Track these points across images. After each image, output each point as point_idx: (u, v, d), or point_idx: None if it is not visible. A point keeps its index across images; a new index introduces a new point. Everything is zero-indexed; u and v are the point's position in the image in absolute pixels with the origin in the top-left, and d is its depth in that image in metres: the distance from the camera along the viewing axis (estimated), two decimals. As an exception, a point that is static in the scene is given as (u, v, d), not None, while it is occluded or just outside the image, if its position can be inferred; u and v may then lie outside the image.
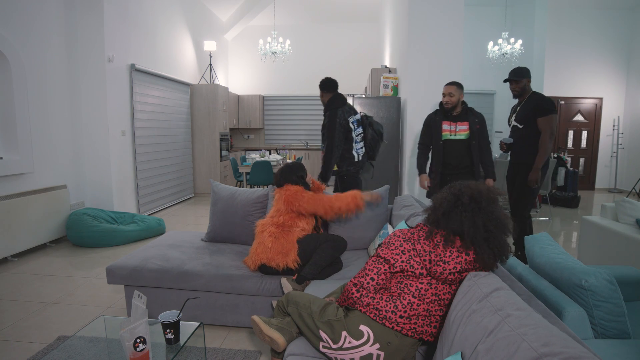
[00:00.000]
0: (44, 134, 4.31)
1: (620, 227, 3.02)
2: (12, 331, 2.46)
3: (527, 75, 3.48)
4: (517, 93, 3.50)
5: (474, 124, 3.26)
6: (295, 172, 2.60)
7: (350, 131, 3.43)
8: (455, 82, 3.30)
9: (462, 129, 3.28)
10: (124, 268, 2.45)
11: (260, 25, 9.20)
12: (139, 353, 1.41)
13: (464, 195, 1.43)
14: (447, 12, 4.37)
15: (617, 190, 8.44)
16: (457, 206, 1.42)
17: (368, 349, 1.42)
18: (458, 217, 1.40)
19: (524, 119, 3.42)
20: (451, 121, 3.32)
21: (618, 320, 1.46)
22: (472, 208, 1.40)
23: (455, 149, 3.32)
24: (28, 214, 3.95)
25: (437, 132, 3.35)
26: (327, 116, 3.44)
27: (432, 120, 3.41)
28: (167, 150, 6.40)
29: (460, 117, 3.30)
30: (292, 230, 2.43)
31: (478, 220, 1.38)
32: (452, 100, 3.25)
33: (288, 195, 2.46)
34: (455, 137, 3.30)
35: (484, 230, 1.37)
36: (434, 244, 1.43)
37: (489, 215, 1.39)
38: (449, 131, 3.32)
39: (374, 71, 5.63)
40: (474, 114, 3.31)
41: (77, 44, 4.66)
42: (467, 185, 1.48)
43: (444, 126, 3.33)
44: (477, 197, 1.42)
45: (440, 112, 3.38)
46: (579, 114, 8.52)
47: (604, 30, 8.21)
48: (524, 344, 0.91)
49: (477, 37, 7.61)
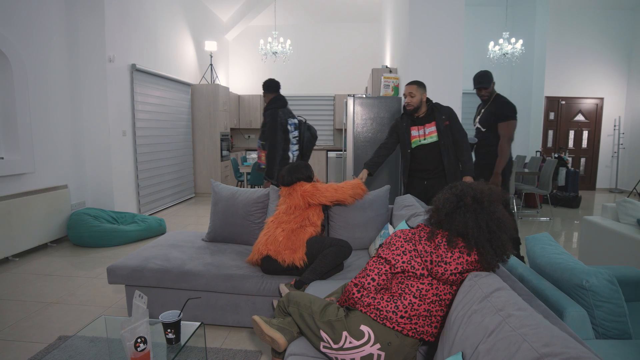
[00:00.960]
0: (45, 134, 4.32)
1: (621, 227, 3.01)
2: (13, 331, 2.46)
3: (493, 78, 3.52)
4: (487, 98, 3.52)
5: (441, 122, 3.05)
6: (304, 171, 2.66)
7: (287, 132, 3.63)
8: (415, 82, 3.10)
9: (432, 131, 3.08)
10: (125, 268, 2.45)
11: (261, 25, 9.20)
12: (140, 353, 1.41)
13: (466, 196, 1.43)
14: (448, 12, 4.37)
15: (618, 191, 8.43)
16: (459, 207, 1.43)
17: (369, 349, 1.42)
18: (462, 218, 1.40)
19: (486, 122, 3.47)
20: (419, 125, 3.11)
21: (619, 321, 1.46)
22: (475, 209, 1.40)
23: (428, 153, 3.11)
24: (29, 214, 3.95)
25: (405, 139, 3.15)
26: (269, 114, 3.62)
27: (399, 127, 3.20)
28: (168, 151, 6.40)
29: (427, 119, 3.10)
30: (305, 230, 2.45)
31: (481, 220, 1.38)
32: (413, 101, 3.05)
33: (304, 191, 2.53)
34: (427, 141, 3.10)
35: (487, 231, 1.37)
36: (435, 244, 1.43)
37: (490, 215, 1.39)
38: (418, 136, 3.12)
39: (375, 71, 5.63)
40: (440, 111, 3.09)
41: (78, 44, 4.66)
42: (469, 186, 1.48)
43: (412, 132, 3.13)
44: (479, 198, 1.42)
45: (406, 116, 3.18)
46: (579, 114, 8.51)
47: (605, 30, 8.20)
48: (525, 344, 0.91)
49: (477, 37, 7.61)
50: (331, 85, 9.22)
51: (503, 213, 1.42)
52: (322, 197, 2.55)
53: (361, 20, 9.06)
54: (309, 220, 2.51)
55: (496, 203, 1.43)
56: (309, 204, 2.54)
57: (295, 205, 2.52)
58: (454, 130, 3.08)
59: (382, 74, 5.21)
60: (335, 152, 8.87)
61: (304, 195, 2.52)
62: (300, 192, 2.53)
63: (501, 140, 3.36)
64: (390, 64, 6.34)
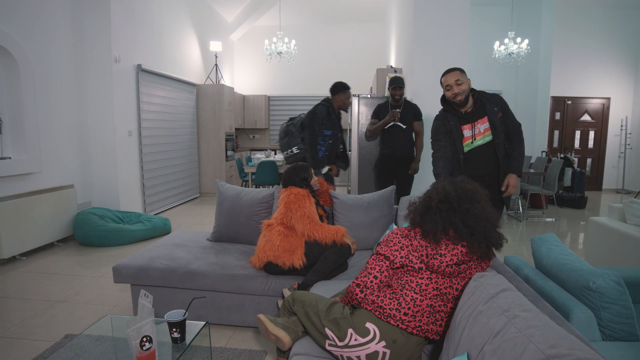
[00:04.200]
0: (52, 134, 4.35)
1: (628, 228, 2.98)
2: (20, 329, 2.48)
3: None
4: (399, 97, 3.94)
5: (493, 114, 2.52)
6: (299, 173, 2.60)
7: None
8: (456, 68, 2.55)
9: (486, 129, 2.53)
10: (131, 267, 2.46)
11: (265, 25, 9.22)
12: (146, 352, 1.41)
13: (432, 200, 1.51)
14: (453, 11, 4.36)
15: (625, 191, 8.36)
16: (429, 209, 1.50)
17: (374, 346, 1.42)
18: (431, 219, 1.47)
19: (406, 121, 3.94)
20: (469, 122, 2.54)
21: (626, 323, 1.44)
22: (446, 208, 1.46)
23: (483, 155, 2.57)
24: (36, 213, 3.98)
25: (457, 143, 2.56)
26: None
27: (448, 128, 2.58)
28: (173, 150, 6.43)
29: (477, 114, 2.54)
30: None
31: (455, 219, 1.44)
32: (463, 89, 2.47)
33: (289, 202, 2.45)
34: (480, 141, 2.55)
35: (464, 226, 1.43)
36: (428, 239, 1.49)
37: (464, 213, 1.44)
38: (470, 137, 2.54)
39: (380, 71, 5.62)
40: (490, 101, 2.55)
41: (85, 44, 4.70)
42: (436, 188, 1.55)
43: (465, 132, 2.56)
44: (445, 199, 1.49)
45: (451, 115, 2.58)
46: (586, 114, 8.45)
47: (612, 29, 8.14)
48: (531, 346, 0.90)
49: (483, 37, 7.57)
50: (336, 85, 9.21)
51: (479, 208, 1.46)
52: (293, 217, 2.40)
53: (366, 20, 9.06)
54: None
55: (471, 201, 1.47)
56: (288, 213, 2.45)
57: (282, 211, 2.49)
58: (508, 122, 2.56)
59: (387, 74, 5.21)
60: (339, 152, 8.85)
61: (288, 204, 2.45)
62: (286, 201, 2.46)
63: (420, 137, 4.02)
64: (395, 64, 6.33)
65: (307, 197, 2.49)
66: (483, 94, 2.58)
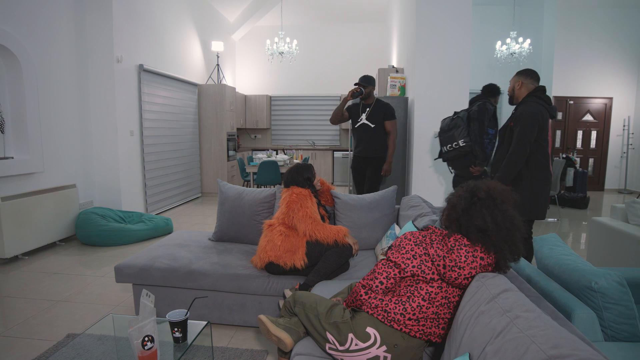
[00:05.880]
0: (54, 134, 4.37)
1: (631, 228, 2.98)
2: (22, 328, 2.49)
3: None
4: (367, 95, 3.91)
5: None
6: (302, 173, 2.60)
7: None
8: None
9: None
10: (132, 267, 2.47)
11: (267, 25, 9.22)
12: (147, 351, 1.42)
13: (479, 191, 1.40)
14: (455, 11, 4.34)
15: (627, 191, 8.33)
16: (474, 202, 1.39)
17: (375, 351, 1.41)
18: (479, 213, 1.36)
19: (374, 120, 3.88)
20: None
21: (628, 323, 1.44)
22: (489, 204, 1.37)
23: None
24: (38, 213, 3.99)
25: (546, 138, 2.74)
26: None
27: (547, 123, 2.76)
28: (175, 150, 6.43)
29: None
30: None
31: (497, 216, 1.34)
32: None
33: (291, 202, 2.46)
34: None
35: (504, 228, 1.34)
36: (448, 248, 1.39)
37: (503, 213, 1.35)
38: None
39: (381, 71, 5.61)
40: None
41: (87, 44, 4.71)
42: (480, 182, 1.45)
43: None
44: (492, 193, 1.39)
45: (547, 109, 2.77)
46: (588, 113, 8.42)
47: (614, 29, 8.11)
48: (533, 346, 0.90)
49: (485, 37, 7.55)
50: (338, 85, 9.21)
51: (515, 214, 1.38)
52: (295, 217, 2.42)
53: (367, 20, 9.05)
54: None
55: (507, 203, 1.39)
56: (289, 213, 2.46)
57: (284, 211, 2.49)
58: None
59: (389, 74, 5.20)
60: (341, 152, 8.86)
61: (289, 204, 2.45)
62: (288, 201, 2.47)
63: (392, 136, 3.94)
64: (396, 63, 6.33)
65: (309, 197, 2.49)
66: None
